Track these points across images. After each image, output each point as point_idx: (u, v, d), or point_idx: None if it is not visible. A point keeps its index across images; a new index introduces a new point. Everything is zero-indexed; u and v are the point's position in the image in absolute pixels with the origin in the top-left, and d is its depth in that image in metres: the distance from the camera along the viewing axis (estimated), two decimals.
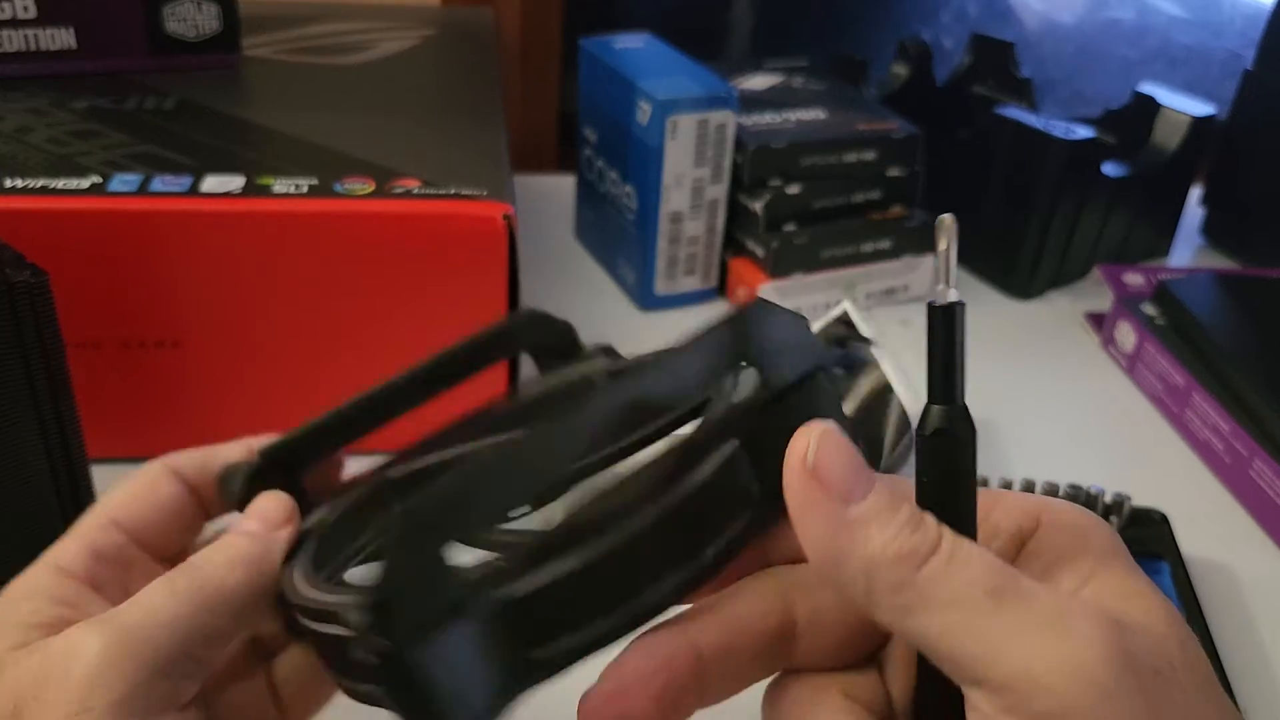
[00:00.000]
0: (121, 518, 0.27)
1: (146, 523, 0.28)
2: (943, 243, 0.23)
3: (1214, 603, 0.47)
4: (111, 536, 0.27)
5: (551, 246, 0.75)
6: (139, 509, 0.28)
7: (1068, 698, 0.19)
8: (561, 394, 0.30)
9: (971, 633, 0.20)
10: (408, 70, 0.66)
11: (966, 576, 0.20)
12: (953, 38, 1.07)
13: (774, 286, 0.66)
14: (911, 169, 0.69)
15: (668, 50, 0.68)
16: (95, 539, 0.27)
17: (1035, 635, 0.20)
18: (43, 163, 0.47)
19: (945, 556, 0.21)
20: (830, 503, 0.21)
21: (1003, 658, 0.20)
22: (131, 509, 0.28)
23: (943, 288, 0.22)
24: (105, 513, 0.27)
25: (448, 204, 0.47)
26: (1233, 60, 1.06)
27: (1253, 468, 0.54)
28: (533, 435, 0.21)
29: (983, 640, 0.20)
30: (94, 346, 0.47)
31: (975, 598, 0.20)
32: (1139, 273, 0.70)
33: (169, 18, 0.60)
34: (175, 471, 0.29)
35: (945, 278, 0.22)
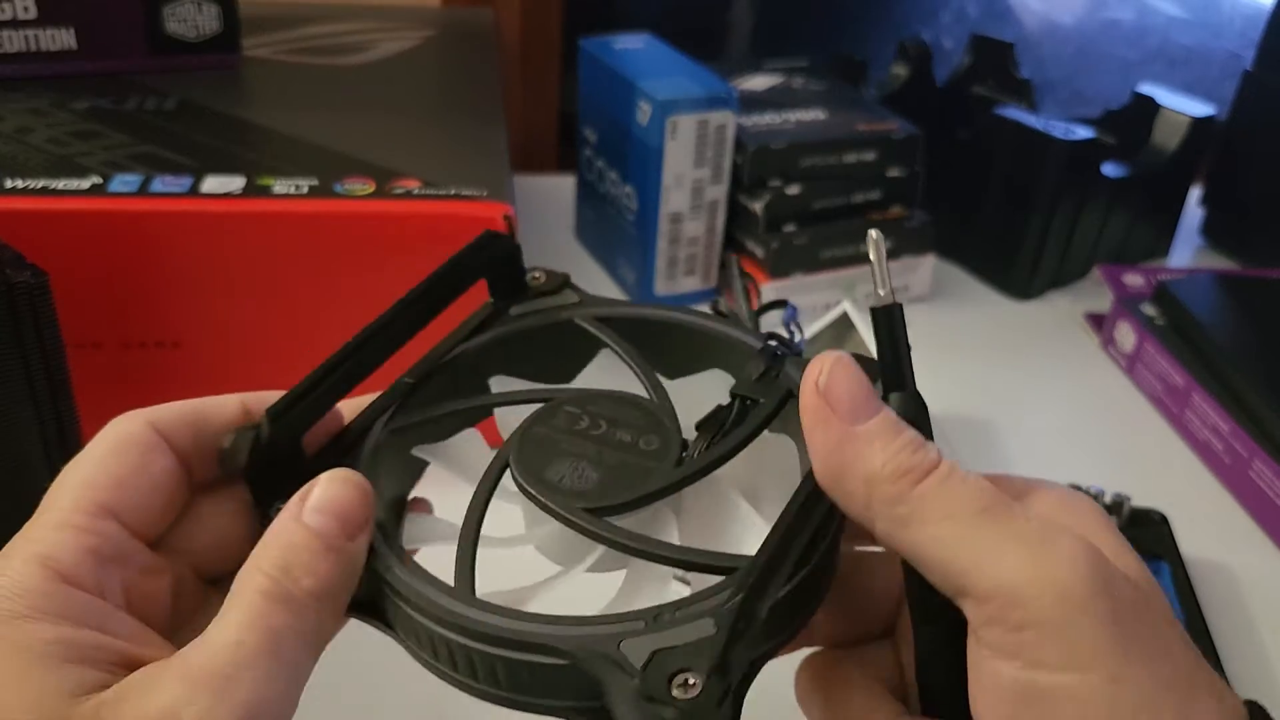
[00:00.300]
0: (115, 505, 0.24)
1: (142, 508, 0.24)
2: (873, 253, 0.26)
3: (1213, 603, 0.47)
4: (108, 532, 0.23)
5: (551, 246, 0.75)
6: (134, 496, 0.24)
7: (1044, 611, 0.21)
8: (548, 333, 0.31)
9: (962, 545, 0.22)
10: (408, 71, 0.66)
11: (961, 494, 0.22)
12: (952, 38, 1.07)
13: (774, 287, 0.66)
14: (911, 169, 0.69)
15: (668, 51, 0.68)
16: (93, 540, 0.23)
17: (1020, 552, 0.21)
18: (43, 163, 0.47)
19: (942, 475, 0.22)
20: (837, 420, 0.23)
21: (988, 570, 0.21)
22: (126, 496, 0.24)
23: (882, 293, 0.25)
24: (95, 498, 0.24)
25: (448, 204, 0.47)
26: (1232, 61, 1.06)
27: (1252, 468, 0.54)
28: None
29: (972, 553, 0.21)
30: (94, 347, 0.47)
31: (968, 513, 0.22)
32: (1139, 273, 0.70)
33: (169, 18, 0.60)
34: (166, 440, 0.25)
35: (881, 284, 0.25)
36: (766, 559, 0.23)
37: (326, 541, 0.23)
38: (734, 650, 0.22)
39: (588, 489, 0.26)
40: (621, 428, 0.28)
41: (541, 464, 0.27)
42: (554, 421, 0.28)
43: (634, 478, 0.26)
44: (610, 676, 0.22)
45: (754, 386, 0.28)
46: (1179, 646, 0.22)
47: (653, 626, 0.23)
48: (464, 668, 0.23)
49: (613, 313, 0.32)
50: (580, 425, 0.28)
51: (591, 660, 0.22)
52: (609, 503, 0.26)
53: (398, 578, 0.24)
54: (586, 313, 0.31)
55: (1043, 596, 0.21)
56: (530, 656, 0.23)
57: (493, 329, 0.31)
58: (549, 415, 0.28)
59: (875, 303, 0.25)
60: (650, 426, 0.28)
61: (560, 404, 0.28)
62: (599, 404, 0.28)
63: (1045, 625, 0.21)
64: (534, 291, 0.32)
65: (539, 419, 0.28)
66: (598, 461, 0.27)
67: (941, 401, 0.61)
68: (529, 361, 0.31)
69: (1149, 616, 0.22)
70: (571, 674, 0.23)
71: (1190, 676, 0.22)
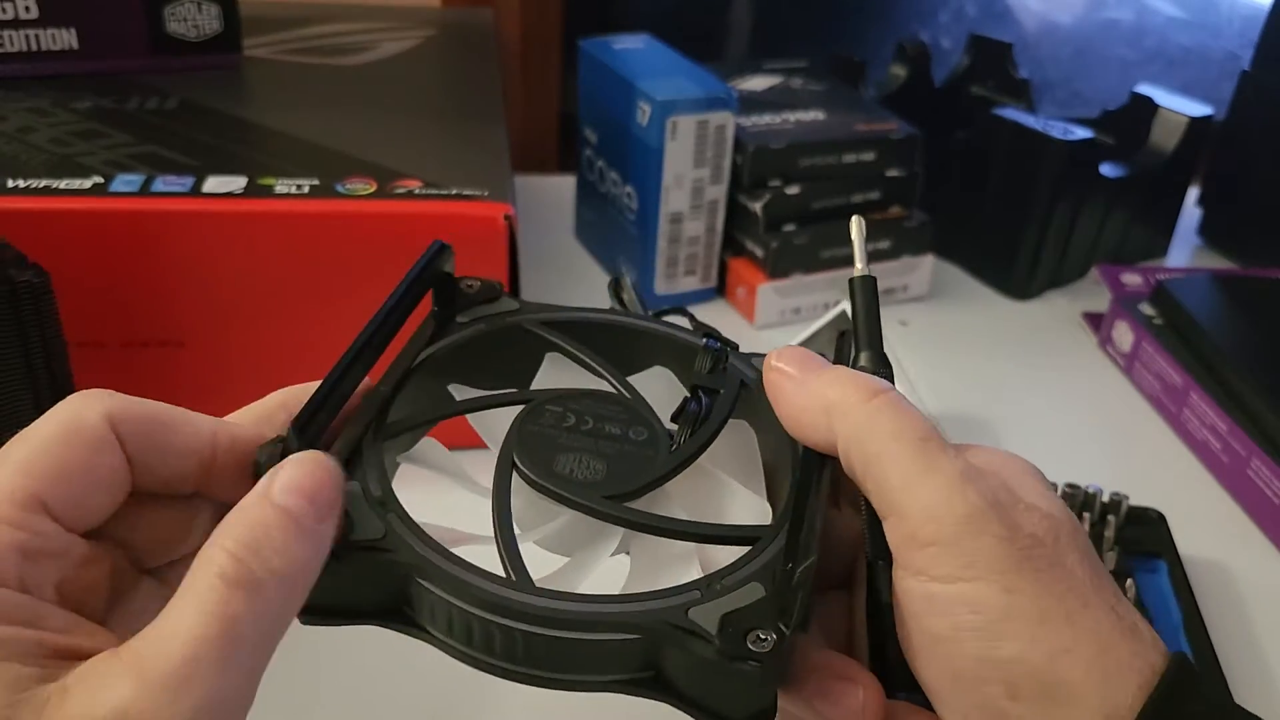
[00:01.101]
0: (52, 499, 0.22)
1: (80, 505, 0.23)
2: (855, 233, 0.31)
3: (1211, 601, 0.47)
4: (39, 527, 0.22)
5: (552, 246, 0.75)
6: (73, 491, 0.22)
7: (946, 530, 0.24)
8: (500, 337, 0.33)
9: (898, 464, 0.25)
10: (409, 71, 0.66)
11: (908, 420, 0.25)
12: (951, 38, 1.07)
13: (773, 287, 0.66)
14: (910, 170, 0.69)
15: (667, 51, 0.68)
16: (20, 537, 0.21)
17: (939, 480, 0.24)
18: (45, 163, 0.48)
19: (894, 399, 0.26)
20: (791, 380, 0.27)
21: (913, 490, 0.24)
22: (65, 491, 0.22)
23: (860, 266, 0.30)
24: (30, 489, 0.22)
25: (449, 204, 0.47)
26: (1230, 61, 1.07)
27: (1250, 467, 0.54)
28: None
29: (904, 473, 0.25)
30: (96, 346, 0.47)
31: (910, 438, 0.25)
32: (1137, 273, 0.70)
33: (170, 18, 0.60)
34: (119, 439, 0.24)
35: (860, 260, 0.30)
36: (790, 524, 0.26)
37: (299, 522, 0.22)
38: (788, 605, 0.24)
39: (599, 479, 0.27)
40: (608, 422, 0.29)
41: (547, 460, 0.28)
42: (543, 420, 0.29)
43: (638, 465, 0.28)
44: (685, 644, 0.24)
45: (709, 379, 0.31)
46: (1083, 571, 0.24)
47: (709, 595, 0.24)
48: (522, 655, 0.24)
49: (557, 317, 0.33)
50: (569, 422, 0.29)
51: (662, 632, 0.24)
52: (625, 489, 0.27)
53: (446, 574, 0.24)
54: (534, 318, 0.33)
55: (946, 518, 0.24)
56: (601, 635, 0.24)
57: (449, 336, 0.32)
58: (536, 415, 0.29)
59: (855, 275, 0.30)
60: (633, 419, 0.29)
61: (542, 404, 0.29)
62: (580, 402, 0.30)
63: (946, 542, 0.24)
64: (472, 300, 0.33)
65: (529, 419, 0.29)
66: (598, 453, 0.28)
67: (940, 400, 0.61)
68: (483, 366, 0.32)
69: (1051, 544, 0.24)
70: (634, 648, 0.24)
71: (1085, 595, 0.24)
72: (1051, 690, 0.23)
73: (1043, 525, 0.25)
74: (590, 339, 0.33)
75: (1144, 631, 0.24)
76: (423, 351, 0.31)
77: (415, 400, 0.31)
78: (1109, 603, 0.24)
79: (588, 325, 0.33)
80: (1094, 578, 0.24)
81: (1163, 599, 0.46)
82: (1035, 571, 0.24)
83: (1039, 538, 0.24)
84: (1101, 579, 0.25)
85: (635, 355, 0.33)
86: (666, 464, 0.28)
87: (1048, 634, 0.23)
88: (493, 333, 0.32)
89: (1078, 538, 0.25)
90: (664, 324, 0.34)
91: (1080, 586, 0.24)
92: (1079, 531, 0.25)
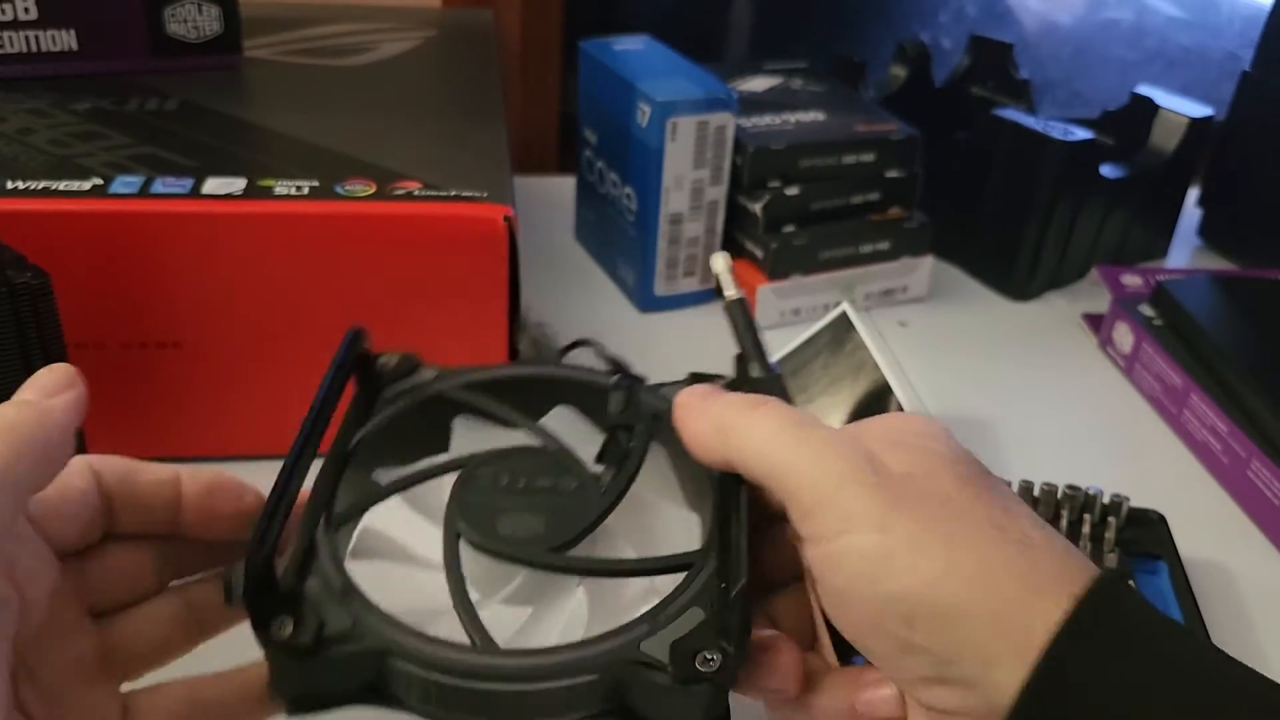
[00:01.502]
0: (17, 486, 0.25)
1: (45, 506, 0.27)
2: (719, 266, 0.37)
3: (1212, 603, 0.47)
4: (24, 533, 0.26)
5: (552, 248, 0.75)
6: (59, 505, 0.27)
7: (821, 491, 0.26)
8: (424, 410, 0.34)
9: (781, 450, 0.27)
10: (408, 72, 0.66)
11: (782, 414, 0.28)
12: (951, 39, 1.07)
13: (773, 288, 0.66)
14: (910, 170, 0.69)
15: (667, 52, 0.68)
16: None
17: (811, 450, 0.27)
18: (44, 164, 0.48)
19: (772, 405, 0.29)
20: (692, 411, 0.30)
21: (795, 468, 0.27)
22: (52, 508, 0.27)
23: (730, 293, 0.35)
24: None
25: (449, 206, 0.47)
26: (1231, 61, 1.07)
27: (1250, 468, 0.54)
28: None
29: (786, 456, 0.27)
30: (96, 347, 0.47)
31: (786, 426, 0.28)
32: (1137, 274, 0.70)
33: (170, 19, 0.60)
34: (94, 470, 0.28)
35: (728, 288, 0.36)
36: (716, 548, 0.29)
37: (20, 397, 0.26)
38: (729, 622, 0.26)
39: (541, 533, 0.29)
40: (538, 475, 0.31)
41: (489, 524, 0.29)
42: (479, 485, 0.31)
43: (574, 512, 0.30)
44: (642, 677, 0.26)
45: (624, 416, 0.33)
46: (963, 494, 0.26)
47: (656, 626, 0.27)
48: (497, 710, 0.26)
49: (475, 379, 0.35)
50: (503, 482, 0.31)
51: (621, 668, 0.26)
52: (566, 538, 0.29)
53: (417, 649, 0.26)
54: (454, 384, 0.35)
55: (821, 481, 0.26)
56: (566, 682, 0.26)
57: (376, 416, 0.33)
58: (471, 481, 0.31)
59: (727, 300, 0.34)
60: (561, 468, 0.32)
61: (474, 469, 0.31)
62: (509, 460, 0.32)
63: (824, 502, 0.26)
64: (393, 376, 0.35)
65: (464, 486, 0.31)
66: (535, 508, 0.30)
67: (939, 401, 0.61)
68: (415, 438, 0.34)
69: (924, 476, 0.26)
70: (598, 686, 0.26)
71: (966, 517, 0.25)
72: (941, 613, 0.24)
73: (916, 461, 0.27)
74: (510, 394, 0.34)
75: (1059, 550, 0.25)
76: (355, 436, 0.33)
77: (356, 485, 0.32)
78: (995, 521, 0.25)
79: (506, 381, 0.35)
80: (975, 500, 0.26)
81: (1163, 600, 0.46)
82: (908, 508, 0.25)
83: (911, 474, 0.26)
84: (987, 500, 0.26)
85: (554, 403, 0.35)
86: (599, 506, 0.30)
87: (925, 562, 0.24)
88: (418, 405, 0.34)
89: (958, 466, 0.27)
90: (575, 369, 0.36)
91: (960, 510, 0.25)
92: (960, 460, 0.27)
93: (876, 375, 0.53)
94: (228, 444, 0.50)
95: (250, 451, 0.50)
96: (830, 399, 0.54)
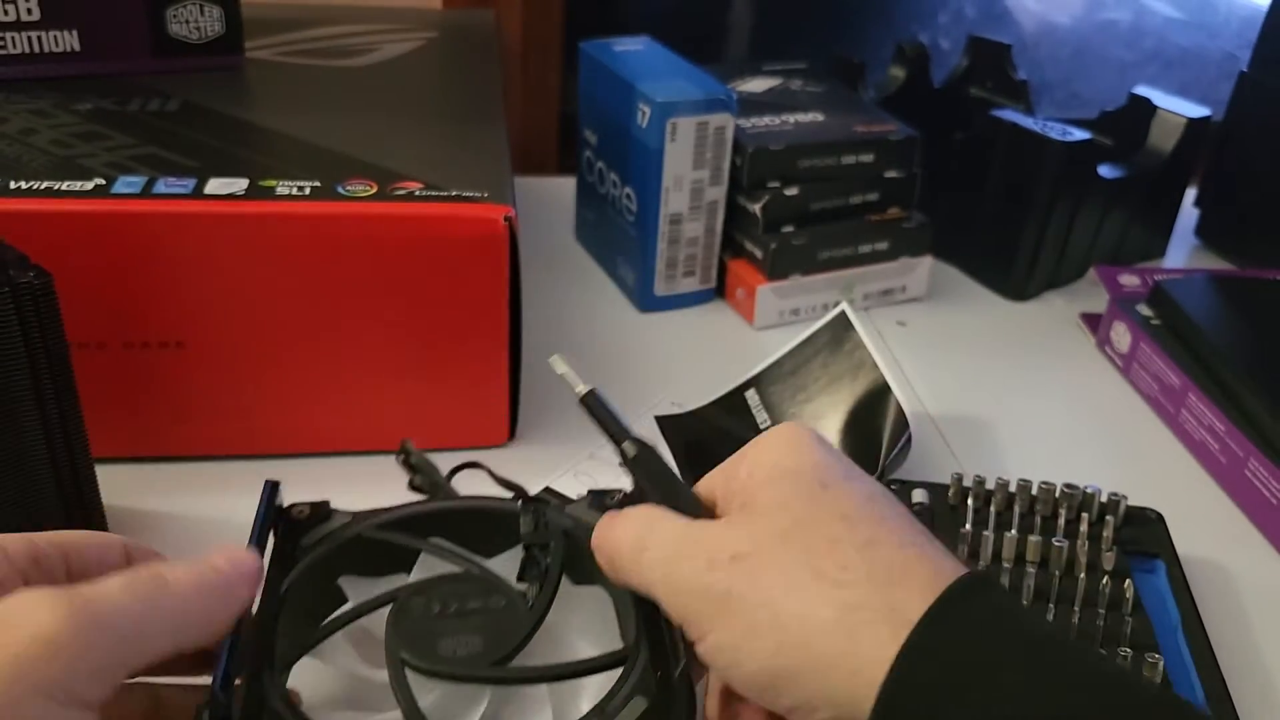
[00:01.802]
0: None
1: None
2: (560, 367, 0.38)
3: (1209, 602, 0.47)
4: None
5: (552, 248, 0.75)
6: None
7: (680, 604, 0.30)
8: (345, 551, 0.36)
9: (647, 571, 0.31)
10: (410, 73, 0.66)
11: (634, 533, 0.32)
12: (950, 40, 1.08)
13: (772, 287, 0.66)
14: (909, 171, 0.69)
15: (667, 54, 0.68)
16: None
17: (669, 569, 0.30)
18: (47, 165, 0.48)
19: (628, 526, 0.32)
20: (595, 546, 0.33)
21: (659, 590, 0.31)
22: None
23: (579, 389, 0.37)
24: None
25: (449, 206, 0.48)
26: (1228, 61, 1.07)
27: (1248, 467, 0.54)
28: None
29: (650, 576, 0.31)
30: (98, 347, 0.47)
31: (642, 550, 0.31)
32: (1134, 273, 0.70)
33: (172, 20, 0.60)
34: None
35: (575, 384, 0.37)
36: (648, 640, 0.32)
37: (214, 562, 0.29)
38: (673, 708, 0.30)
39: (480, 650, 0.32)
40: (467, 598, 0.33)
41: (430, 649, 0.31)
42: (413, 614, 0.33)
43: (507, 627, 0.33)
44: None
45: (536, 535, 0.36)
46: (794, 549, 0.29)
47: (606, 718, 0.30)
48: None
49: (389, 518, 0.37)
50: (435, 609, 0.33)
51: None
52: (506, 650, 0.32)
53: None
54: (370, 524, 0.37)
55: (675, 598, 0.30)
56: None
57: (301, 563, 0.35)
58: (405, 611, 0.33)
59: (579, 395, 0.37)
60: (487, 589, 0.34)
61: (406, 600, 0.33)
62: (436, 587, 0.34)
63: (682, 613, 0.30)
64: (309, 524, 0.37)
65: (400, 616, 0.33)
66: (471, 629, 0.32)
67: (938, 401, 0.61)
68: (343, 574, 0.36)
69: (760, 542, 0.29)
70: None
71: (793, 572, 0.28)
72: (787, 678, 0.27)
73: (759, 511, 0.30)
74: (423, 528, 0.37)
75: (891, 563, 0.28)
76: (283, 584, 0.34)
77: (293, 629, 0.34)
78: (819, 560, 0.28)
79: (417, 518, 0.38)
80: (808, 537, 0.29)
81: (1161, 599, 0.46)
82: (738, 599, 0.28)
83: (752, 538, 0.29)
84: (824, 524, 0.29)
85: (466, 530, 0.38)
86: (530, 619, 0.33)
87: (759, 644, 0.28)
88: (340, 548, 0.36)
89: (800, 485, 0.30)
90: (481, 499, 0.39)
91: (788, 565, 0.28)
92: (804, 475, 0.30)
93: (875, 374, 0.53)
94: (229, 443, 0.51)
95: (252, 451, 0.51)
96: (829, 398, 0.54)
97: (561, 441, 0.54)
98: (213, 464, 0.51)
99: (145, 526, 0.46)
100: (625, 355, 0.63)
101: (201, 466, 0.50)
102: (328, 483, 0.47)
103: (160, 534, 0.46)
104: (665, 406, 0.57)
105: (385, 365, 0.50)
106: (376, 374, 0.50)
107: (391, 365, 0.50)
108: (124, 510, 0.47)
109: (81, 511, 0.43)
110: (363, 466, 0.48)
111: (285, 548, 0.36)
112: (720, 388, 0.58)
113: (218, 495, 0.48)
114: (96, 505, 0.43)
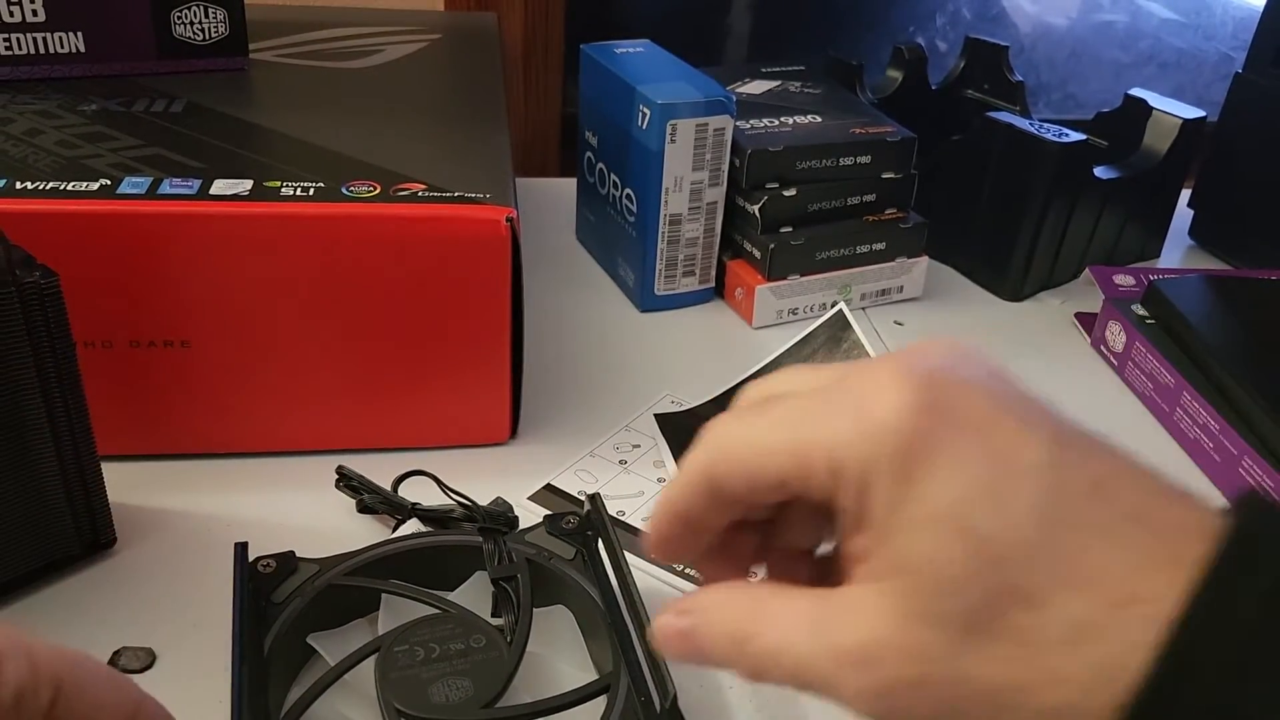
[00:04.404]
0: None
1: None
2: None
3: None
4: None
5: (553, 248, 0.75)
6: None
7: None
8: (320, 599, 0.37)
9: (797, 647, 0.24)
10: (412, 75, 0.66)
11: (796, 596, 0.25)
12: (947, 42, 1.08)
13: (770, 287, 0.67)
14: (906, 172, 0.70)
15: (667, 56, 0.69)
16: None
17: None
18: (52, 165, 0.48)
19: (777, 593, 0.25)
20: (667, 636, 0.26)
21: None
22: None
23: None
24: None
25: (452, 207, 0.48)
26: (1224, 63, 1.08)
27: (1242, 465, 0.55)
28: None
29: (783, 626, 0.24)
30: (104, 346, 0.47)
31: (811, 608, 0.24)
32: (1129, 274, 0.71)
33: (177, 22, 0.60)
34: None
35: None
36: (628, 668, 0.33)
37: None
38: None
39: (470, 694, 0.32)
40: (450, 641, 0.34)
41: (420, 697, 0.32)
42: (398, 663, 0.33)
43: (492, 666, 0.33)
44: None
45: (502, 569, 0.37)
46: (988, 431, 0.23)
47: None
48: None
49: (357, 563, 0.38)
50: (420, 655, 0.33)
51: None
52: (495, 691, 0.33)
53: None
54: (338, 571, 0.37)
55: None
56: None
57: (278, 617, 0.36)
58: (390, 660, 0.33)
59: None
60: (468, 630, 0.34)
61: (390, 647, 0.34)
62: (418, 632, 0.34)
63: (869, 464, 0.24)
64: (278, 577, 0.37)
65: (387, 665, 0.33)
66: (458, 672, 0.33)
67: None
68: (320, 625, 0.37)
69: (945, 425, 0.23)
70: None
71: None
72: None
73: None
74: (390, 571, 0.37)
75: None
76: (266, 640, 0.35)
77: (276, 684, 0.34)
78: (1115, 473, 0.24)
79: (386, 559, 0.38)
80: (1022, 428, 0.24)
81: None
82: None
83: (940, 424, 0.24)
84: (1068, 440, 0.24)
85: (434, 567, 0.38)
86: (513, 655, 0.34)
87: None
88: (315, 596, 0.37)
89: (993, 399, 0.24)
90: (449, 534, 0.39)
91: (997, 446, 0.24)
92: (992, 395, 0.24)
93: None
94: (235, 441, 0.51)
95: (256, 449, 0.51)
96: None
97: (562, 439, 0.54)
98: (218, 461, 0.51)
99: (150, 524, 0.47)
100: (625, 354, 0.64)
101: (206, 464, 0.51)
102: (332, 481, 0.48)
103: (165, 531, 0.46)
104: (665, 404, 0.58)
105: (388, 364, 0.50)
106: (380, 372, 0.50)
107: (394, 364, 0.50)
108: (130, 508, 0.47)
109: (86, 509, 0.43)
110: (367, 464, 0.48)
111: (258, 604, 0.36)
112: (719, 386, 0.58)
113: (223, 493, 0.49)
114: (102, 503, 0.44)
